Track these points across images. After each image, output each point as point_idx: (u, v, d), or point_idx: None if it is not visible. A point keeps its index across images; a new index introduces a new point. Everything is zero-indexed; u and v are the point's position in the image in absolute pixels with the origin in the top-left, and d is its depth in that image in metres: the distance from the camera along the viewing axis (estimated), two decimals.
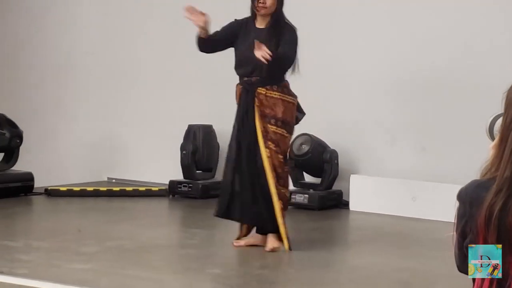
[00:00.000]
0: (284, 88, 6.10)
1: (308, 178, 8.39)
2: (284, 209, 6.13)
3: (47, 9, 10.27)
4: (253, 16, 6.13)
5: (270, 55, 5.73)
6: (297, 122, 6.30)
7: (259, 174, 6.03)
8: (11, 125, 8.60)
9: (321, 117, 8.39)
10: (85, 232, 6.84)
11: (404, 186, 7.87)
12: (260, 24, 6.08)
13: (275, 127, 6.03)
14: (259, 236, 6.28)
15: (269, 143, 6.02)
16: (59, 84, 10.18)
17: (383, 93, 8.20)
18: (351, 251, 6.72)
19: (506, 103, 2.31)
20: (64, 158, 9.96)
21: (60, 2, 10.20)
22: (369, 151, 8.27)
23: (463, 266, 2.24)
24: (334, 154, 8.18)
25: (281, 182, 6.09)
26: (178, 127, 8.83)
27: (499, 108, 2.39)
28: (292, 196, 8.10)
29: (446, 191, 7.21)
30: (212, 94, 9.06)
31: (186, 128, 8.79)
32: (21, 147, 8.64)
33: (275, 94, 6.03)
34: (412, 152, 8.05)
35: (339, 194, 8.26)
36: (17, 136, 8.57)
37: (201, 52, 6.31)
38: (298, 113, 6.28)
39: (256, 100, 6.01)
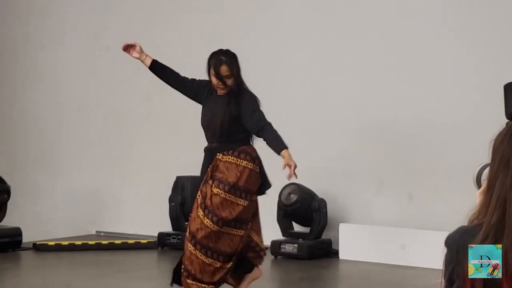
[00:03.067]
0: (241, 152, 6.01)
1: (297, 227, 8.39)
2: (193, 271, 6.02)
3: (36, 66, 10.32)
4: None
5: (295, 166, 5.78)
6: (260, 193, 6.14)
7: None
8: None
9: (309, 166, 8.41)
10: (74, 287, 6.80)
11: (393, 234, 7.88)
12: (220, 91, 6.10)
13: (219, 190, 5.91)
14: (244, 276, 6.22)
15: (201, 208, 5.95)
16: (46, 139, 10.20)
17: (371, 142, 8.25)
18: None
19: (492, 152, 2.34)
20: (52, 212, 9.93)
21: (48, 57, 10.26)
22: (358, 199, 8.29)
23: None
24: (322, 203, 8.20)
25: (198, 247, 5.96)
26: (166, 179, 8.84)
27: (486, 157, 2.42)
28: (281, 246, 8.11)
29: (435, 239, 7.23)
30: (200, 146, 9.06)
31: (174, 179, 8.79)
32: (8, 202, 8.61)
33: (229, 158, 5.99)
34: (400, 200, 8.08)
35: (329, 243, 8.26)
36: (4, 191, 8.56)
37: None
38: (264, 181, 6.13)
39: (212, 165, 6.01)
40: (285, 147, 5.79)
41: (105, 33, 9.92)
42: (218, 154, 6.00)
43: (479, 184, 2.73)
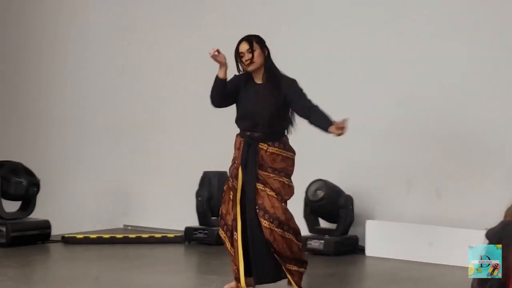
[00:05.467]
0: (285, 144, 6.15)
1: (323, 223, 8.41)
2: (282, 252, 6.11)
3: (67, 64, 10.41)
4: (249, 72, 6.16)
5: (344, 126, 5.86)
6: None
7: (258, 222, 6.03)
8: (28, 174, 8.68)
9: (336, 162, 8.44)
10: (102, 280, 6.86)
11: (421, 231, 7.87)
12: (258, 79, 6.13)
13: (276, 176, 6.04)
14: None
15: (270, 191, 6.02)
16: (76, 133, 10.28)
17: (399, 138, 8.23)
18: None
19: None
20: (81, 206, 10.02)
21: (79, 56, 10.33)
22: (385, 196, 8.29)
23: None
24: (349, 200, 8.21)
25: (285, 228, 6.06)
26: (193, 174, 8.88)
27: None
28: (307, 242, 8.13)
29: (463, 236, 7.22)
30: (227, 141, 9.09)
31: (201, 175, 8.84)
32: (38, 195, 8.70)
33: (275, 150, 6.07)
34: (428, 197, 8.06)
35: (355, 239, 8.27)
36: (34, 184, 8.64)
37: (212, 105, 6.30)
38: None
39: (258, 155, 6.05)
40: (332, 123, 5.91)
41: (131, 26, 9.98)
42: (261, 144, 6.03)
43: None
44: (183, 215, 9.09)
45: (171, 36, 9.73)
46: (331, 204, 8.16)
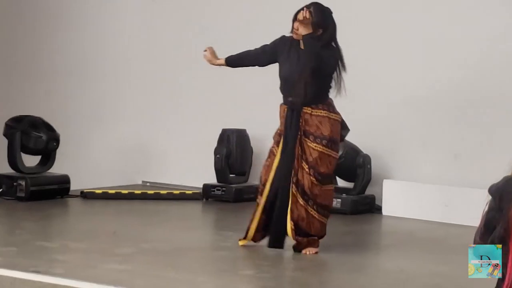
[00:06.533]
0: (330, 106, 6.12)
1: (341, 182, 8.43)
2: (309, 230, 6.12)
3: (85, 19, 10.40)
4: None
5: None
6: (342, 140, 6.33)
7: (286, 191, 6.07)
8: (48, 128, 8.72)
9: (355, 122, 8.40)
10: (120, 234, 6.93)
11: (437, 191, 7.88)
12: (303, 44, 6.11)
13: (319, 146, 6.04)
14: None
15: (304, 164, 6.04)
16: (95, 89, 10.31)
17: (416, 99, 8.22)
18: (384, 256, 6.74)
19: None
20: (100, 161, 10.07)
21: (99, 10, 10.32)
22: (402, 156, 8.29)
23: None
24: (367, 159, 8.21)
25: (311, 203, 6.08)
26: (212, 132, 8.90)
27: None
28: None
29: (479, 197, 7.21)
30: (246, 99, 9.13)
31: (220, 132, 8.86)
32: (57, 150, 8.75)
33: (321, 113, 6.05)
34: (445, 158, 8.06)
35: (372, 198, 8.29)
36: (54, 139, 8.69)
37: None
38: (343, 129, 6.30)
39: (301, 120, 6.04)
40: None
41: None
42: (306, 108, 6.02)
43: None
44: (201, 172, 9.13)
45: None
46: (349, 163, 8.16)
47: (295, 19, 6.08)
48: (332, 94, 6.22)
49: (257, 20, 8.95)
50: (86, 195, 8.74)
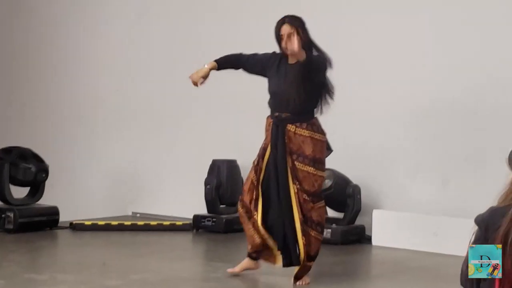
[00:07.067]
0: (313, 125, 6.12)
1: (331, 212, 8.42)
2: (310, 251, 6.12)
3: (74, 48, 10.43)
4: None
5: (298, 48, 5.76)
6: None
7: (289, 208, 6.07)
8: (37, 160, 8.71)
9: (344, 152, 8.45)
10: (109, 266, 6.90)
11: (426, 221, 7.88)
12: (291, 59, 6.13)
13: (302, 165, 6.06)
14: (251, 260, 6.33)
15: (295, 180, 6.06)
16: (85, 120, 10.32)
17: (405, 128, 8.24)
18: (374, 286, 6.73)
19: None
20: (89, 192, 10.06)
21: (87, 40, 10.36)
22: (391, 186, 8.30)
23: (466, 284, 2.29)
24: (356, 189, 8.22)
25: (308, 223, 6.09)
26: (202, 162, 8.91)
27: None
28: None
29: (467, 226, 7.22)
30: (236, 130, 9.15)
31: (210, 162, 8.86)
32: (46, 182, 8.73)
33: (303, 132, 6.06)
34: (434, 187, 8.07)
35: (362, 228, 8.29)
36: (43, 170, 8.67)
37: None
38: (326, 150, 6.31)
39: (286, 136, 6.06)
40: None
41: (145, 16, 9.99)
42: (290, 125, 6.04)
43: (510, 164, 2.76)
44: (191, 203, 9.12)
45: (183, 20, 9.74)
46: (339, 193, 8.17)
47: (278, 35, 6.07)
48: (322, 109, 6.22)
49: (241, 42, 8.98)
50: (75, 227, 8.71)
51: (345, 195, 8.19)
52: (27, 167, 8.59)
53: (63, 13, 10.65)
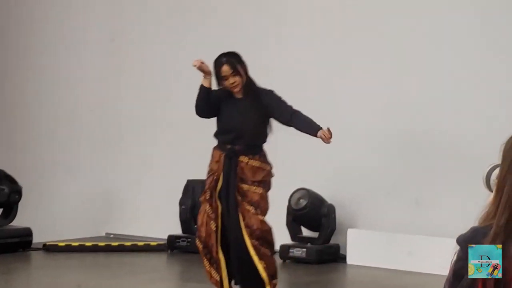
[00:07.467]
0: (263, 157, 6.27)
1: (305, 232, 8.44)
2: (269, 271, 6.13)
3: (49, 67, 10.40)
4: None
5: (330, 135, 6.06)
6: None
7: (241, 236, 6.10)
8: (10, 181, 8.66)
9: (319, 172, 8.48)
10: (85, 287, 6.86)
11: (400, 240, 7.92)
12: (237, 94, 6.22)
13: (254, 187, 6.14)
14: None
15: (248, 205, 6.10)
16: (57, 140, 10.27)
17: (379, 148, 8.28)
18: None
19: (502, 155, 2.41)
20: (62, 213, 10.00)
21: (62, 59, 10.33)
22: (366, 205, 8.33)
23: None
24: (331, 209, 8.24)
25: (260, 242, 6.12)
26: (176, 182, 8.89)
27: (494, 158, 2.48)
28: (290, 250, 8.16)
29: (441, 245, 7.27)
30: (210, 150, 9.13)
31: (185, 183, 8.85)
32: (19, 203, 8.68)
33: (255, 163, 6.18)
34: (408, 206, 8.11)
35: (337, 248, 8.31)
36: (16, 191, 8.62)
37: (197, 114, 6.40)
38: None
39: (238, 168, 6.13)
40: (320, 128, 6.10)
41: (120, 36, 9.99)
42: (242, 157, 6.11)
43: (488, 184, 2.79)
44: (166, 223, 9.09)
45: (159, 44, 9.75)
46: (313, 212, 8.19)
47: (218, 74, 6.13)
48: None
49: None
50: (49, 248, 8.66)
51: (320, 215, 8.21)
52: (0, 188, 8.53)
53: (39, 30, 10.61)
